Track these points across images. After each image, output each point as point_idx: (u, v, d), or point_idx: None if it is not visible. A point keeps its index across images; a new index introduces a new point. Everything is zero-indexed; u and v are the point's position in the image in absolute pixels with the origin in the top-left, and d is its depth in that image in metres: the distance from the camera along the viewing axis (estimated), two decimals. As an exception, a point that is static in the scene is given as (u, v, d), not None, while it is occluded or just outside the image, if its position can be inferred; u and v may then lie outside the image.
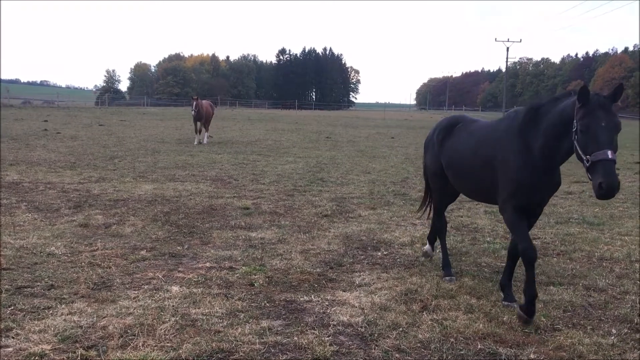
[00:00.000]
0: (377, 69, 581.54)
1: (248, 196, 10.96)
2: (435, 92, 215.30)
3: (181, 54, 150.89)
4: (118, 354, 4.15)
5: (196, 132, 23.67)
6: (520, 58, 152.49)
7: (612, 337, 4.70)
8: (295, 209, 9.78)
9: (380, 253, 7.21)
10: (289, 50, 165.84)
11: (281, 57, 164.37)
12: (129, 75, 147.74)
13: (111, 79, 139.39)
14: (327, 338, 4.57)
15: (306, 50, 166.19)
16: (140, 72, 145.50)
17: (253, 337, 4.51)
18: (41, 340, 4.33)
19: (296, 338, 4.53)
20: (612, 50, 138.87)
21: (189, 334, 4.53)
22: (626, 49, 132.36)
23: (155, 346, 4.30)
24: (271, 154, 19.31)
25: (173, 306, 5.13)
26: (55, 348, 4.22)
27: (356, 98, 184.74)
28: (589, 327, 4.94)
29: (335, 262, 6.70)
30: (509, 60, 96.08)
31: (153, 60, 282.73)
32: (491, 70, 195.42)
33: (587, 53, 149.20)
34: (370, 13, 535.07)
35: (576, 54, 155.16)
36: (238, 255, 6.89)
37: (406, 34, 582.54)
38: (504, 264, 6.68)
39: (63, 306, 5.05)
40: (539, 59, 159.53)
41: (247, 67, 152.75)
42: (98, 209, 9.30)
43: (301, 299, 5.45)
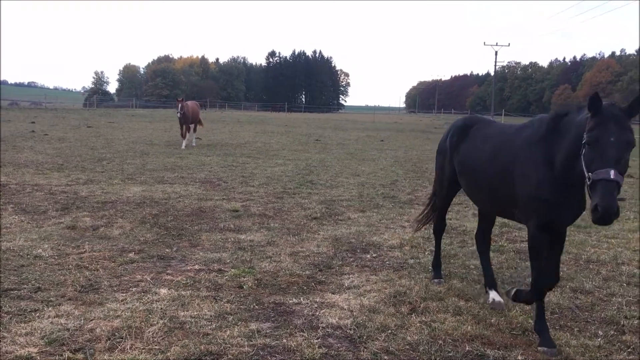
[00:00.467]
0: (367, 72, 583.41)
1: (237, 198, 10.94)
2: (424, 95, 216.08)
3: (170, 56, 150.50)
4: (105, 357, 4.12)
5: (182, 136, 22.36)
6: (508, 62, 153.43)
7: (599, 339, 4.74)
8: (284, 212, 9.78)
9: (369, 255, 7.22)
10: (279, 52, 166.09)
11: (271, 60, 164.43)
12: (118, 76, 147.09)
13: (99, 81, 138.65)
14: (316, 340, 4.57)
15: (296, 52, 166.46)
16: (129, 74, 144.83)
17: (242, 340, 4.50)
18: (28, 343, 4.29)
19: (285, 340, 4.53)
20: (599, 54, 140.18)
21: (177, 337, 4.52)
22: (613, 54, 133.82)
23: (143, 349, 4.28)
24: (260, 157, 19.29)
25: (161, 309, 5.10)
26: (42, 351, 4.19)
27: (346, 101, 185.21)
28: (576, 329, 4.98)
29: (324, 265, 6.70)
30: (498, 64, 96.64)
31: (142, 62, 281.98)
32: (480, 74, 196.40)
33: (575, 57, 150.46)
34: (360, 16, 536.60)
35: (564, 58, 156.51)
36: (227, 257, 6.88)
37: (396, 38, 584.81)
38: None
39: (50, 309, 5.01)
40: (527, 63, 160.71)
41: (237, 70, 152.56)
42: (86, 211, 9.24)
43: (290, 302, 5.45)
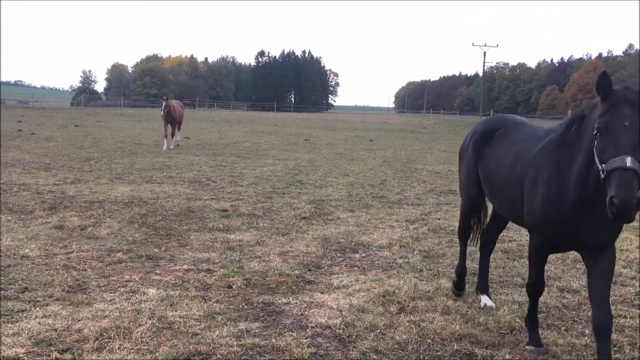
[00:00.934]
0: (356, 72, 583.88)
1: (226, 198, 10.92)
2: (413, 96, 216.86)
3: (159, 55, 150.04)
4: (94, 357, 4.10)
5: (165, 137, 20.99)
6: (497, 63, 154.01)
7: (586, 338, 4.79)
8: (273, 211, 9.77)
9: (358, 255, 7.23)
10: (268, 52, 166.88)
11: (260, 59, 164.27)
12: (106, 75, 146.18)
13: (87, 80, 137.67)
14: (305, 340, 4.57)
15: (285, 52, 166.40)
16: (117, 73, 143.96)
17: (231, 340, 4.50)
18: (15, 343, 4.26)
19: (274, 340, 4.53)
20: (587, 55, 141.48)
21: (166, 337, 4.50)
22: (600, 55, 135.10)
23: (131, 349, 4.26)
24: (250, 156, 19.26)
25: (150, 309, 5.09)
26: (29, 351, 4.16)
27: (335, 101, 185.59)
28: (563, 328, 5.02)
29: (313, 265, 6.71)
30: (486, 64, 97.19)
31: (130, 61, 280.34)
32: (469, 74, 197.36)
33: (562, 58, 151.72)
34: (349, 16, 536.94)
35: (551, 59, 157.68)
36: (216, 257, 6.86)
37: (385, 38, 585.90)
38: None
39: (37, 309, 4.98)
40: (515, 64, 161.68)
41: (226, 69, 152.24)
42: (73, 211, 9.18)
43: (279, 301, 5.45)
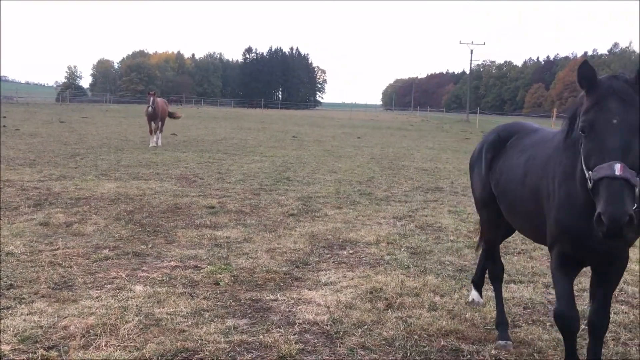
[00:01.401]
0: (344, 69, 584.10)
1: (213, 195, 10.89)
2: (401, 93, 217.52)
3: (145, 51, 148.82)
4: (80, 354, 4.08)
5: (151, 133, 20.89)
6: (483, 60, 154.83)
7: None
8: (261, 208, 9.76)
9: (346, 252, 7.25)
10: (256, 49, 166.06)
11: (247, 56, 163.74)
12: (92, 71, 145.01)
13: (73, 75, 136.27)
14: (293, 336, 4.58)
15: (273, 49, 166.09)
16: (102, 69, 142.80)
17: (218, 336, 4.49)
18: (0, 340, 4.22)
19: (262, 337, 4.53)
20: (572, 54, 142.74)
21: (153, 334, 4.49)
22: (585, 54, 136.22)
23: (118, 346, 4.24)
24: (237, 153, 19.21)
25: (137, 306, 5.06)
26: (14, 348, 4.13)
27: (322, 98, 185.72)
28: (548, 324, 5.07)
29: (301, 261, 6.71)
30: (473, 62, 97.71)
31: (116, 56, 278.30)
32: (456, 72, 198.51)
33: (548, 57, 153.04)
34: (337, 13, 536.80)
35: (537, 58, 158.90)
36: (203, 254, 6.85)
37: (373, 35, 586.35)
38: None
39: (23, 306, 4.94)
40: (502, 62, 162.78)
41: (213, 65, 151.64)
42: (59, 208, 9.10)
43: (267, 298, 5.45)
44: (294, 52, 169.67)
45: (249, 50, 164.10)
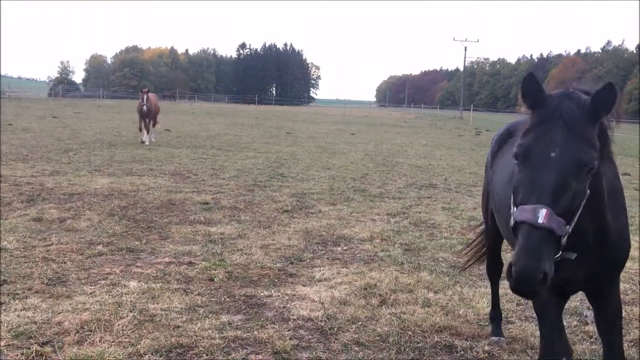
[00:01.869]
0: (338, 66, 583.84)
1: (207, 191, 10.88)
2: (394, 90, 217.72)
3: (139, 46, 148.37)
4: (74, 350, 4.08)
5: (140, 130, 20.20)
6: (477, 58, 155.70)
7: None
8: (255, 204, 9.76)
9: (340, 248, 7.26)
10: (249, 44, 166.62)
11: (241, 52, 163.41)
12: (84, 66, 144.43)
13: (65, 70, 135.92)
14: (287, 332, 4.59)
15: (267, 45, 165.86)
16: (95, 64, 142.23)
17: (213, 332, 4.50)
18: (-7, 336, 4.22)
19: (256, 332, 4.55)
20: (566, 52, 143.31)
21: (148, 329, 4.49)
22: (579, 51, 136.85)
23: (112, 342, 4.24)
24: (231, 149, 19.18)
25: (131, 301, 5.06)
26: (9, 344, 4.12)
27: (316, 94, 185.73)
28: (541, 320, 5.10)
29: (295, 257, 6.73)
30: (467, 59, 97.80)
31: (109, 52, 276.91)
32: (449, 69, 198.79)
33: (542, 54, 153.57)
34: (331, 10, 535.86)
35: (531, 55, 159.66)
36: (197, 250, 6.85)
37: (367, 32, 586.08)
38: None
39: (17, 302, 4.93)
40: (496, 59, 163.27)
41: (207, 61, 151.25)
42: (52, 203, 9.07)
43: (261, 294, 5.46)
44: (288, 48, 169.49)
45: (243, 46, 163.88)
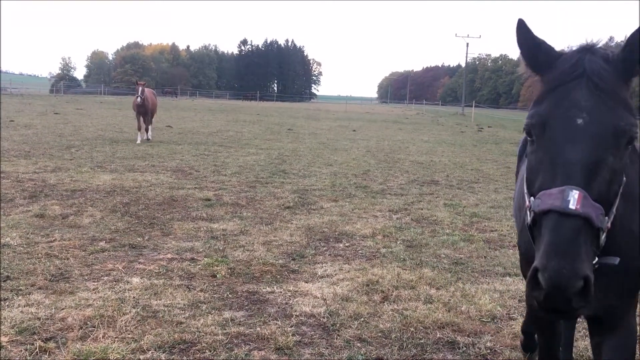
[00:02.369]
0: (340, 62, 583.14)
1: (209, 187, 10.89)
2: (396, 86, 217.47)
3: (140, 43, 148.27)
4: (78, 346, 4.09)
5: (139, 129, 19.53)
6: (479, 54, 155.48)
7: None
8: (257, 201, 9.77)
9: (342, 245, 7.27)
10: (251, 41, 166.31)
11: (243, 48, 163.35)
12: (86, 62, 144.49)
13: (67, 67, 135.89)
14: (290, 328, 4.60)
15: (268, 41, 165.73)
16: (97, 60, 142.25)
17: (215, 328, 4.51)
18: (-3, 332, 4.23)
19: (259, 329, 4.56)
20: (568, 48, 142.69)
21: (151, 326, 4.50)
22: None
23: (116, 337, 4.26)
24: (233, 145, 19.18)
25: (134, 297, 5.08)
26: (12, 340, 4.14)
27: (318, 90, 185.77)
28: (543, 316, 5.11)
29: (297, 254, 6.73)
30: (469, 55, 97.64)
31: (111, 48, 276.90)
32: (451, 65, 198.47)
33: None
34: (333, 6, 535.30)
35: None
36: (200, 246, 6.86)
37: (369, 28, 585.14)
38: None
39: (20, 298, 4.94)
40: (498, 55, 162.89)
41: (208, 57, 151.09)
42: (54, 199, 9.09)
43: (264, 290, 5.47)
44: (290, 45, 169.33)
45: (245, 42, 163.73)
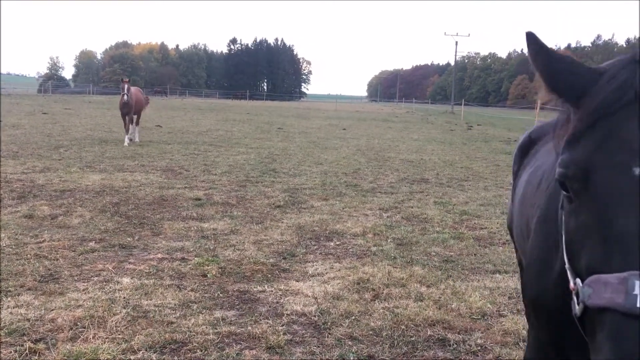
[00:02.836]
0: (329, 61, 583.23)
1: (199, 187, 10.86)
2: (386, 85, 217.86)
3: (129, 42, 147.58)
4: (68, 347, 4.07)
5: (127, 132, 18.45)
6: (468, 52, 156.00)
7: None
8: (247, 200, 9.76)
9: (332, 243, 7.28)
10: (240, 40, 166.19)
11: (232, 47, 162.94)
12: (74, 62, 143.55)
13: (55, 66, 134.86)
14: (281, 327, 4.61)
15: (257, 40, 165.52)
16: (85, 59, 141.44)
17: (206, 328, 4.50)
18: (-14, 334, 4.20)
19: (250, 328, 4.56)
20: (556, 46, 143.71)
21: (141, 326, 4.49)
22: (569, 45, 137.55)
23: (106, 338, 4.24)
24: (223, 145, 19.14)
25: (124, 298, 5.06)
26: (2, 341, 4.11)
27: (308, 89, 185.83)
28: (532, 313, 5.14)
29: (288, 253, 6.74)
30: (458, 54, 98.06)
31: (99, 47, 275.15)
32: (440, 63, 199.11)
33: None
34: (322, 4, 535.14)
35: (522, 50, 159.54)
36: (190, 246, 6.84)
37: (358, 27, 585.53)
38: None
39: (9, 299, 4.91)
40: (487, 54, 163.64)
41: (198, 56, 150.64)
42: (43, 200, 9.02)
43: (254, 289, 5.47)
44: (279, 43, 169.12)
45: (234, 41, 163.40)
